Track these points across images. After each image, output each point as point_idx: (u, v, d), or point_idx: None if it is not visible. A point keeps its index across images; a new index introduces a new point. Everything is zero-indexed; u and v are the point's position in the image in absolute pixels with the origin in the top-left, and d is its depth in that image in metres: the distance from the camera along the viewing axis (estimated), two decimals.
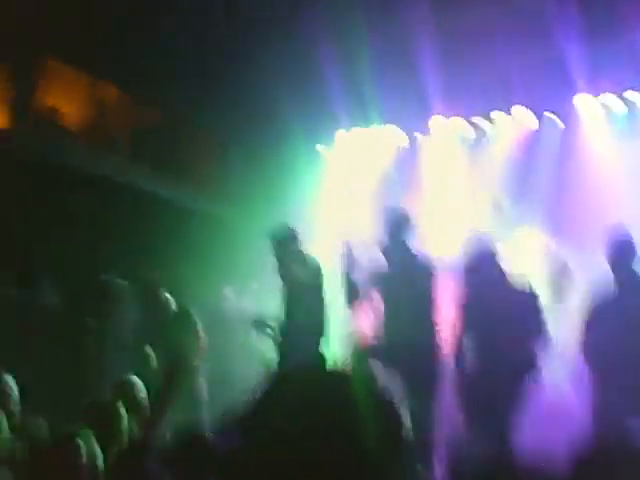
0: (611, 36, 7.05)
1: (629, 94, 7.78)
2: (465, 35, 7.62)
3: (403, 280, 4.83)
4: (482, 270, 4.75)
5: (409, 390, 4.20)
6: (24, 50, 6.55)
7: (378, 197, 8.50)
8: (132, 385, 4.55)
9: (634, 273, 4.53)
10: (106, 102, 7.63)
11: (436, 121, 8.69)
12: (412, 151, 8.97)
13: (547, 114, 8.17)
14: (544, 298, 5.12)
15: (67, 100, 7.12)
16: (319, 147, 9.42)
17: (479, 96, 8.06)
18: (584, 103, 7.94)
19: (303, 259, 5.18)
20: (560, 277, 4.87)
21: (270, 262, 5.25)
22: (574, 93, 7.87)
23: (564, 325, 5.31)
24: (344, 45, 7.76)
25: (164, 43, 7.14)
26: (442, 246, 7.40)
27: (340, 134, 9.30)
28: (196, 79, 7.71)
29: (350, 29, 7.56)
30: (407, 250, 4.95)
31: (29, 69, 6.79)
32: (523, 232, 6.87)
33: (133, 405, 4.33)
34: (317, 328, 5.12)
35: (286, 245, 5.14)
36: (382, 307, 4.97)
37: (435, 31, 7.47)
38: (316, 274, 5.13)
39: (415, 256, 4.98)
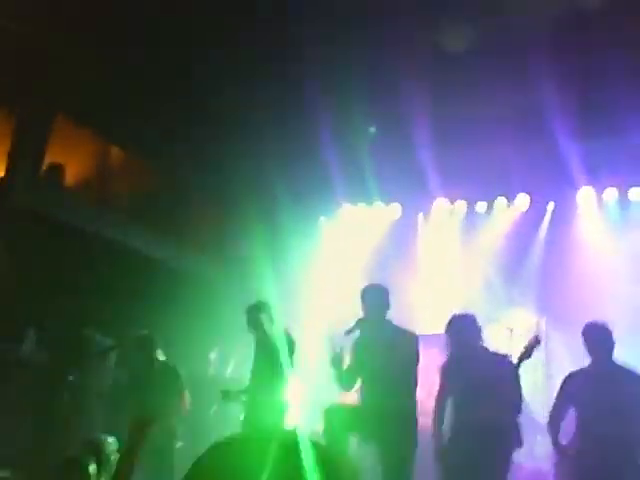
0: (610, 135, 7.18)
1: (633, 191, 7.88)
2: (469, 123, 7.78)
3: (383, 349, 4.81)
4: (464, 337, 4.77)
5: (383, 453, 4.08)
6: (39, 103, 6.69)
7: (372, 271, 8.54)
8: (104, 443, 4.47)
9: (612, 361, 4.55)
10: (110, 163, 7.77)
11: (439, 203, 8.84)
12: (412, 230, 9.02)
13: (549, 204, 8.27)
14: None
15: (73, 157, 7.26)
16: (322, 219, 9.52)
17: (483, 182, 8.19)
18: (585, 196, 8.06)
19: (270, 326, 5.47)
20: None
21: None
22: (574, 186, 7.98)
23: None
24: (352, 127, 7.94)
25: (167, 109, 7.30)
26: (433, 323, 7.41)
27: (345, 208, 9.44)
28: (199, 145, 7.84)
29: (358, 112, 7.73)
30: (388, 322, 4.94)
31: (43, 123, 6.93)
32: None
33: (104, 464, 4.27)
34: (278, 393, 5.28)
35: (257, 311, 5.56)
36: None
37: (439, 117, 7.62)
38: (284, 342, 5.34)
39: (396, 328, 4.96)
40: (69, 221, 6.65)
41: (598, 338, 4.60)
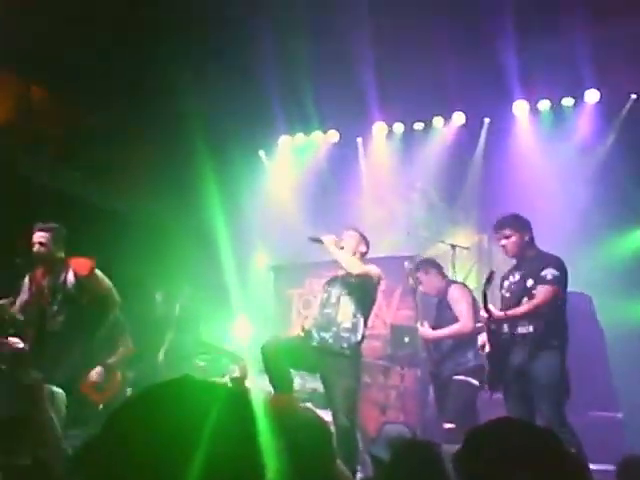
0: (546, 41, 7.17)
1: (565, 101, 7.94)
2: (403, 43, 7.67)
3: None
4: None
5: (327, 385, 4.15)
6: None
7: (318, 197, 8.56)
8: (52, 394, 4.40)
9: None
10: (37, 103, 7.42)
11: (377, 126, 8.79)
12: (352, 155, 8.98)
13: (485, 119, 8.28)
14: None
15: None
16: (261, 153, 9.41)
17: (419, 103, 8.14)
18: (520, 109, 8.08)
19: None
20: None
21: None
22: (509, 100, 8.00)
23: None
24: (286, 53, 7.75)
25: (97, 45, 6.99)
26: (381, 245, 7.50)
27: (283, 140, 9.35)
28: (133, 81, 7.56)
29: (291, 36, 7.53)
30: None
31: None
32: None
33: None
34: None
35: None
36: None
37: (374, 38, 7.49)
38: None
39: None
40: None
41: None
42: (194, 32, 7.25)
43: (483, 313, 4.50)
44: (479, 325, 4.92)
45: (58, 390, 4.41)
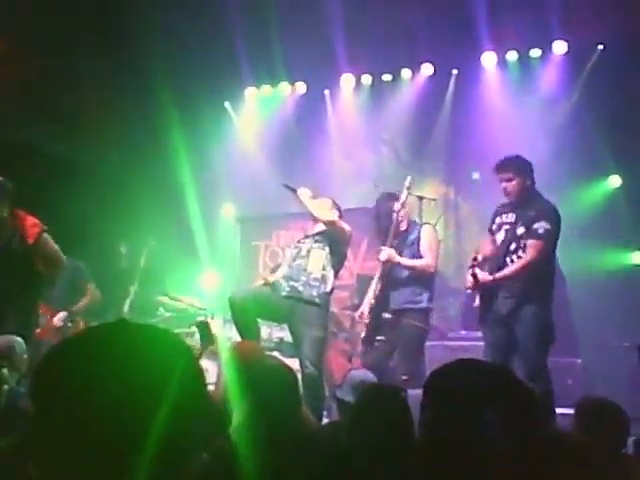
0: None
1: (533, 52, 7.92)
2: None
3: None
4: None
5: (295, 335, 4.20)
6: None
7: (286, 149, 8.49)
8: (14, 344, 4.33)
9: None
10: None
11: (345, 79, 8.69)
12: (320, 107, 8.89)
13: (453, 70, 8.23)
14: None
15: None
16: (227, 104, 9.27)
17: (387, 54, 8.07)
18: (489, 61, 8.05)
19: None
20: None
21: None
22: (479, 51, 7.96)
23: None
24: (254, 3, 7.58)
25: None
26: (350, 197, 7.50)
27: (249, 92, 9.21)
28: (99, 28, 7.34)
29: None
30: None
31: None
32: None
33: (16, 364, 4.17)
34: None
35: None
36: None
37: None
38: None
39: None
40: None
41: None
42: None
43: (469, 275, 4.51)
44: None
45: (17, 339, 4.34)
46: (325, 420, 4.47)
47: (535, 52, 7.93)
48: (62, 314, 5.82)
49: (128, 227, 7.05)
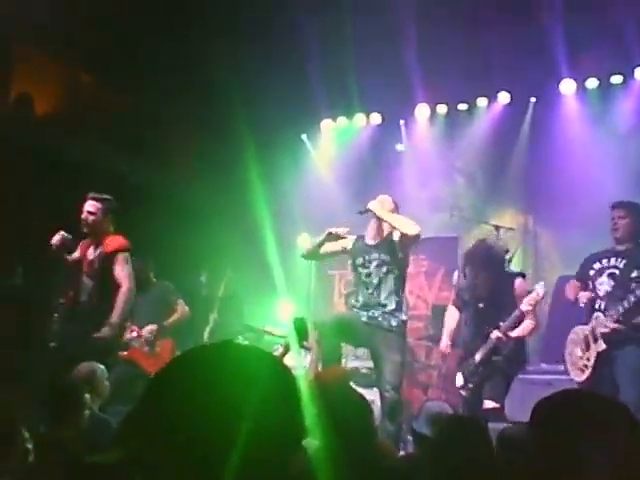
0: (594, 17, 7.01)
1: (614, 79, 7.74)
2: (447, 22, 7.57)
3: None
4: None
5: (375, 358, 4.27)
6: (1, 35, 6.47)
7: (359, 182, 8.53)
8: (96, 370, 4.46)
9: None
10: (79, 88, 7.56)
11: (420, 108, 8.71)
12: (395, 138, 8.92)
13: (531, 99, 8.13)
14: None
15: (40, 85, 7.06)
16: (304, 137, 9.42)
17: (463, 83, 8.04)
18: (568, 88, 7.90)
19: None
20: None
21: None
22: (558, 78, 7.83)
23: None
24: (329, 35, 7.72)
25: (141, 29, 7.07)
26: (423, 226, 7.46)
27: (325, 123, 9.33)
28: (175, 65, 7.63)
29: (334, 17, 7.50)
30: None
31: (6, 53, 6.72)
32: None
33: (97, 390, 4.31)
34: None
35: None
36: None
37: (418, 18, 7.41)
38: None
39: None
40: (40, 150, 6.50)
41: None
42: (237, 14, 7.27)
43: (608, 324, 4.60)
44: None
45: (99, 365, 4.48)
46: (401, 452, 4.42)
47: (616, 79, 7.73)
48: (151, 327, 5.98)
49: (208, 257, 7.24)
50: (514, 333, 4.85)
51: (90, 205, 5.10)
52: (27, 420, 3.08)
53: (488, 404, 4.74)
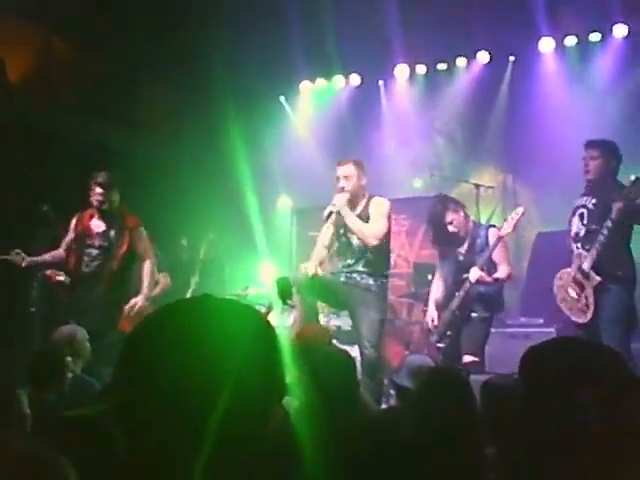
0: None
1: (592, 36, 7.73)
2: None
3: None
4: None
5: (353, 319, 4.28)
6: None
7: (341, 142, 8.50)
8: (76, 332, 4.49)
9: None
10: (53, 54, 7.43)
11: (399, 69, 8.66)
12: (375, 98, 8.88)
13: (510, 58, 8.10)
14: None
15: (14, 51, 6.93)
16: (282, 98, 9.35)
17: (442, 43, 7.99)
18: (547, 46, 7.88)
19: None
20: None
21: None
22: (537, 37, 7.80)
23: None
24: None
25: None
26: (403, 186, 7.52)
27: (304, 85, 9.26)
28: (154, 29, 7.51)
29: None
30: None
31: None
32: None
33: (79, 352, 4.34)
34: None
35: None
36: None
37: None
38: None
39: None
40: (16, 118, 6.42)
41: None
42: None
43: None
44: None
45: (79, 327, 4.55)
46: (383, 406, 4.49)
47: (595, 36, 7.71)
48: (140, 297, 6.01)
49: (188, 221, 7.22)
50: (492, 277, 4.94)
51: (98, 194, 5.29)
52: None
53: (467, 358, 4.82)
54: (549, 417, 1.40)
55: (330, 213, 4.98)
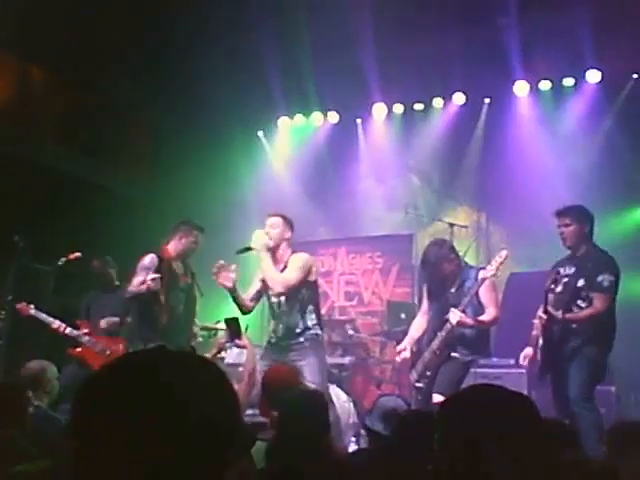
0: (547, 20, 7.14)
1: (566, 81, 7.89)
2: (403, 22, 7.62)
3: None
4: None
5: None
6: None
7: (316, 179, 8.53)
8: (44, 369, 4.42)
9: None
10: (33, 85, 7.40)
11: (377, 108, 8.75)
12: (352, 136, 8.95)
13: (485, 100, 8.25)
14: None
15: None
16: (260, 133, 9.38)
17: (419, 83, 8.12)
18: (521, 89, 8.03)
19: None
20: None
21: None
22: (512, 80, 7.95)
23: None
24: (286, 33, 7.70)
25: (96, 25, 6.95)
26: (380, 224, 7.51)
27: (282, 121, 9.31)
28: (132, 63, 7.53)
29: (291, 17, 7.49)
30: None
31: None
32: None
33: (44, 388, 4.28)
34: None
35: None
36: None
37: (374, 18, 7.44)
38: None
39: None
40: None
41: None
42: (192, 14, 7.19)
43: (541, 313, 4.69)
44: None
45: (49, 364, 4.49)
46: (354, 447, 4.43)
47: (568, 81, 7.89)
48: (109, 319, 6.06)
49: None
50: (473, 320, 4.90)
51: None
52: None
53: (436, 398, 4.76)
54: (456, 471, 1.41)
55: (246, 249, 4.98)
